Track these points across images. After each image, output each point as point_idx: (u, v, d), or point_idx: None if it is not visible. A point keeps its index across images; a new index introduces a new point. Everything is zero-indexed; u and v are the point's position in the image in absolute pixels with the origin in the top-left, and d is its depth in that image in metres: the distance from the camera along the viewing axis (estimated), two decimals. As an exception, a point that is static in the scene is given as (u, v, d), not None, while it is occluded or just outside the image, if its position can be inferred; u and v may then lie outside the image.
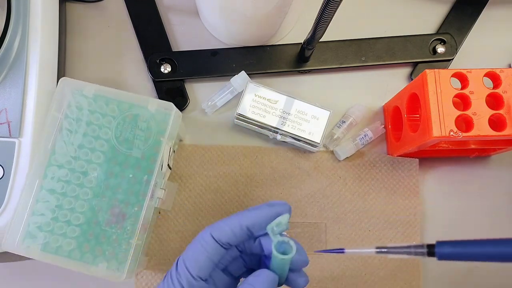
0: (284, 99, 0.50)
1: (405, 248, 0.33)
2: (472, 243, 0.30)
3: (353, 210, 0.51)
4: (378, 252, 0.34)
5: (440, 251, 0.31)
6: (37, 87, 0.46)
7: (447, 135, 0.41)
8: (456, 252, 0.31)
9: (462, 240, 0.31)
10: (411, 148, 0.46)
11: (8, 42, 0.45)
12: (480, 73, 0.43)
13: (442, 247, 0.31)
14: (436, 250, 0.32)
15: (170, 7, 0.57)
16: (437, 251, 0.32)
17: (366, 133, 0.52)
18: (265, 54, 0.54)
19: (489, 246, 0.30)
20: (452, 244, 0.31)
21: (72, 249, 0.43)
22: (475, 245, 0.30)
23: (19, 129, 0.45)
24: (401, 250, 0.33)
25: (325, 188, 0.51)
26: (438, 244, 0.31)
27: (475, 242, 0.30)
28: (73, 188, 0.44)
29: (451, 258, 0.31)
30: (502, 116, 0.42)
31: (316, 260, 0.50)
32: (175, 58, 0.54)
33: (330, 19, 0.40)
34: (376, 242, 0.51)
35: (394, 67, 0.56)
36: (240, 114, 0.50)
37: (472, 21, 0.56)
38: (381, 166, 0.52)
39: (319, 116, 0.50)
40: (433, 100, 0.42)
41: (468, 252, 0.30)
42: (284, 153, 0.52)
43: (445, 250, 0.31)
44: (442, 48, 0.55)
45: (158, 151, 0.44)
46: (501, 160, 0.54)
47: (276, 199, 0.51)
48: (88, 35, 0.56)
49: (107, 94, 0.45)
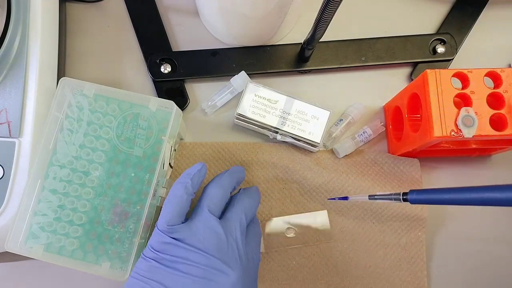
0: (284, 99, 0.50)
1: (387, 195, 0.44)
2: (436, 191, 0.39)
3: (356, 203, 0.51)
4: (370, 198, 0.45)
5: (412, 197, 0.41)
6: (37, 87, 0.46)
7: (448, 135, 0.41)
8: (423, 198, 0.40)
9: (429, 189, 0.40)
10: (412, 148, 0.47)
11: (8, 42, 0.45)
12: (481, 73, 0.43)
13: (412, 194, 0.41)
14: (408, 197, 0.41)
15: (170, 7, 0.57)
16: (409, 198, 0.41)
17: (365, 130, 0.52)
18: (265, 54, 0.54)
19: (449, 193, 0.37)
20: (420, 192, 0.40)
21: (75, 248, 0.43)
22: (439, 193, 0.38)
23: (19, 129, 0.45)
24: (385, 197, 0.44)
25: (327, 183, 0.51)
26: (411, 192, 0.41)
27: (439, 190, 0.38)
28: (75, 188, 0.44)
29: (419, 202, 0.41)
30: (503, 116, 0.42)
31: (320, 252, 0.50)
32: (175, 58, 0.54)
33: (330, 19, 0.40)
34: (381, 234, 0.51)
35: (394, 67, 0.56)
36: (240, 114, 0.50)
37: (472, 21, 0.57)
38: (383, 164, 0.52)
39: (319, 116, 0.50)
40: (434, 100, 0.42)
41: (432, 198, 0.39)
42: (285, 150, 0.52)
43: (415, 197, 0.41)
44: (442, 48, 0.55)
45: (159, 150, 0.45)
46: (502, 160, 0.54)
47: (278, 194, 0.51)
48: (88, 35, 0.56)
49: (108, 93, 0.45)
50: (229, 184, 0.45)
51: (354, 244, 0.51)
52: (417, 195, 0.40)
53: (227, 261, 0.40)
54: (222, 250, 0.41)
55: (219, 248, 0.41)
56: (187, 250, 0.40)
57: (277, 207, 0.51)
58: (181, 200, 0.42)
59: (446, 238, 0.53)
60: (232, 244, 0.41)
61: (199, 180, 0.43)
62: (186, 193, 0.42)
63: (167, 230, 0.41)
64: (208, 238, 0.41)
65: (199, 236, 0.41)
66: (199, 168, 0.44)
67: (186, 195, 0.42)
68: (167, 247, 0.41)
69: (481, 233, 0.53)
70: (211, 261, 0.40)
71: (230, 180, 0.46)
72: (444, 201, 0.38)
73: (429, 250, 0.52)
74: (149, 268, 0.40)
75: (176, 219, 0.41)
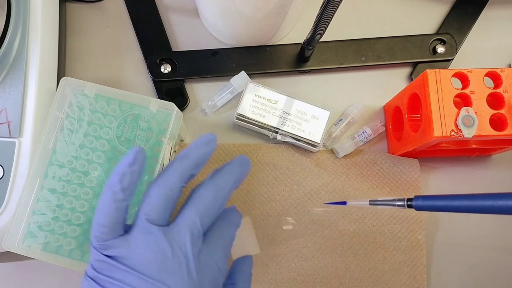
0: (284, 99, 0.50)
1: (390, 201, 0.39)
2: (444, 198, 0.35)
3: (356, 206, 0.51)
4: (371, 204, 0.41)
5: (416, 204, 0.37)
6: (37, 87, 0.46)
7: (448, 135, 0.41)
8: (428, 205, 0.36)
9: (436, 196, 0.36)
10: (412, 147, 0.47)
11: (8, 42, 0.45)
12: (480, 73, 0.43)
13: (418, 200, 0.37)
14: (413, 203, 0.37)
15: (170, 7, 0.57)
16: (414, 204, 0.37)
17: (364, 130, 0.52)
18: (265, 54, 0.54)
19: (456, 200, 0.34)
20: (427, 198, 0.36)
21: (73, 248, 0.43)
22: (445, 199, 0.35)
23: (19, 129, 0.45)
24: (387, 202, 0.39)
25: (327, 184, 0.51)
26: (416, 198, 0.37)
27: (446, 196, 0.35)
28: (74, 188, 0.44)
29: (426, 209, 0.37)
30: (503, 116, 0.42)
31: (320, 255, 0.50)
32: (175, 58, 0.54)
33: (330, 19, 0.40)
34: (381, 237, 0.51)
35: (394, 67, 0.56)
36: (240, 114, 0.50)
37: (472, 21, 0.57)
38: (382, 164, 0.52)
39: (319, 116, 0.50)
40: (434, 100, 0.42)
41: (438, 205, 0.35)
42: (285, 151, 0.52)
43: (420, 203, 0.37)
44: (442, 48, 0.55)
45: (159, 151, 0.44)
46: (502, 160, 0.54)
47: (278, 196, 0.51)
48: (88, 35, 0.56)
49: (109, 93, 0.45)
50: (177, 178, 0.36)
51: (353, 247, 0.51)
52: (423, 201, 0.37)
53: (169, 282, 0.33)
54: (165, 269, 0.34)
55: (161, 267, 0.34)
56: (124, 271, 0.33)
57: (277, 209, 0.51)
58: (108, 210, 0.34)
59: (446, 242, 0.52)
60: (179, 258, 0.34)
61: (133, 178, 0.35)
62: (114, 200, 0.34)
63: (98, 246, 0.34)
64: (148, 255, 0.34)
65: (138, 253, 0.34)
66: (131, 161, 0.34)
67: (115, 202, 0.34)
68: (103, 266, 0.34)
69: (481, 236, 0.53)
70: (150, 284, 0.33)
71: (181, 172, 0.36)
72: (453, 209, 0.35)
73: (429, 254, 0.52)
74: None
75: (108, 233, 0.34)
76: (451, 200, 0.35)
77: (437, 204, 0.36)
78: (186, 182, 0.37)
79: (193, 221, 0.35)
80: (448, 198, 0.35)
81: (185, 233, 0.35)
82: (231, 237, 0.39)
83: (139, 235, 0.34)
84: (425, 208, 0.37)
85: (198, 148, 0.37)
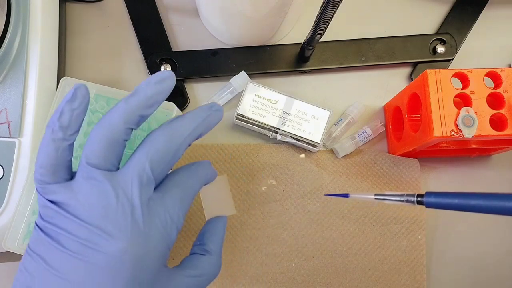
0: (284, 99, 0.50)
1: (399, 196, 0.37)
2: (456, 195, 0.33)
3: (357, 206, 0.51)
4: (376, 198, 0.38)
5: (428, 200, 0.35)
6: (37, 87, 0.46)
7: (448, 135, 0.41)
8: (441, 202, 0.34)
9: (448, 192, 0.34)
10: (412, 147, 0.47)
11: (8, 42, 0.45)
12: (481, 73, 0.43)
13: (429, 197, 0.35)
14: (424, 200, 0.35)
15: (170, 7, 0.57)
16: (425, 200, 0.35)
17: (364, 130, 0.52)
18: (265, 54, 0.54)
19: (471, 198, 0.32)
20: (439, 195, 0.34)
21: (73, 249, 0.43)
22: (459, 197, 0.33)
23: (19, 129, 0.45)
24: (395, 198, 0.37)
25: (327, 184, 0.51)
26: (427, 194, 0.35)
27: (460, 194, 0.33)
28: (73, 188, 0.44)
29: (437, 207, 0.34)
30: (503, 116, 0.42)
31: (320, 255, 0.50)
32: (175, 58, 0.54)
33: (330, 19, 0.40)
34: (381, 237, 0.51)
35: (394, 67, 0.56)
36: (240, 114, 0.50)
37: (472, 21, 0.57)
38: (382, 163, 0.52)
39: (319, 116, 0.50)
40: (434, 100, 0.42)
41: (451, 203, 0.33)
42: (285, 151, 0.52)
43: (432, 200, 0.34)
44: (442, 48, 0.55)
45: (158, 151, 0.44)
46: (502, 160, 0.54)
47: (278, 196, 0.51)
48: (88, 35, 0.56)
49: (108, 94, 0.45)
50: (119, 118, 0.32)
51: (353, 247, 0.51)
52: (435, 198, 0.34)
53: (110, 229, 0.31)
54: (108, 216, 0.31)
55: (104, 214, 0.31)
56: (66, 218, 0.31)
57: (277, 209, 0.51)
58: (47, 149, 0.32)
59: (446, 242, 0.52)
60: (124, 205, 0.31)
61: (73, 116, 0.32)
62: (53, 140, 0.31)
63: (40, 190, 0.32)
64: (91, 201, 0.31)
65: (80, 199, 0.31)
66: (68, 98, 0.32)
67: (53, 142, 0.31)
68: (48, 212, 0.32)
69: (481, 237, 0.53)
70: (90, 232, 0.31)
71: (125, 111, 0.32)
72: (467, 208, 0.32)
73: (429, 254, 0.52)
74: (35, 238, 0.32)
75: (49, 176, 0.32)
76: (466, 199, 0.32)
77: (451, 202, 0.33)
78: (135, 124, 0.33)
79: (142, 166, 0.32)
80: (463, 196, 0.33)
81: (132, 177, 0.32)
82: (191, 189, 0.36)
83: (82, 179, 0.32)
84: (437, 206, 0.34)
85: (150, 86, 0.33)
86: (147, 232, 0.32)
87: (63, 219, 0.31)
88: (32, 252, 0.32)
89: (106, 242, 0.31)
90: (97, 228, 0.31)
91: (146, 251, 0.32)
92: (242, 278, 0.49)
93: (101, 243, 0.31)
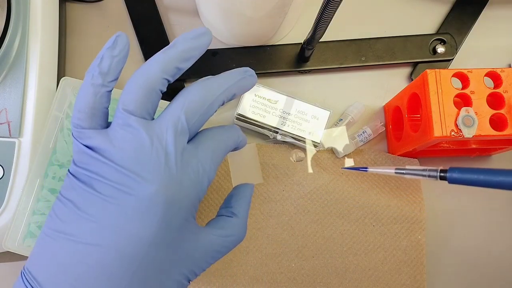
0: (284, 99, 0.50)
1: (420, 171, 0.36)
2: (481, 171, 0.32)
3: (357, 206, 0.51)
4: (397, 173, 0.38)
5: (451, 176, 0.34)
6: (37, 87, 0.46)
7: (448, 135, 0.41)
8: (465, 178, 0.33)
9: (472, 168, 0.33)
10: (412, 147, 0.47)
11: (8, 42, 0.45)
12: (481, 73, 0.43)
13: (453, 172, 0.34)
14: (448, 175, 0.34)
15: (170, 7, 0.57)
16: (448, 176, 0.34)
17: (364, 130, 0.52)
18: (265, 54, 0.54)
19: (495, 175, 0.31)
20: (464, 170, 0.33)
21: (73, 249, 0.43)
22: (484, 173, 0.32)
23: (19, 129, 0.45)
24: (417, 172, 0.37)
25: (327, 184, 0.51)
26: (451, 170, 0.34)
27: (484, 170, 0.32)
28: (73, 188, 0.44)
29: (460, 183, 0.33)
30: (503, 116, 0.42)
31: (320, 254, 0.50)
32: (175, 58, 0.54)
33: (330, 19, 0.40)
34: (381, 237, 0.51)
35: (394, 67, 0.56)
36: (240, 114, 0.50)
37: (472, 21, 0.57)
38: (382, 164, 0.52)
39: (319, 116, 0.50)
40: (434, 100, 0.42)
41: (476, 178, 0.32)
42: (285, 151, 0.52)
43: (456, 175, 0.34)
44: (442, 48, 0.55)
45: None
46: (502, 160, 0.54)
47: (278, 196, 0.51)
48: (88, 35, 0.56)
49: (108, 94, 0.45)
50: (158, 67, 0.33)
51: (353, 247, 0.51)
52: (459, 173, 0.33)
53: (144, 173, 0.32)
54: (141, 160, 0.32)
55: (138, 158, 0.32)
56: (100, 162, 0.32)
57: (277, 209, 0.51)
58: (85, 94, 0.32)
59: (446, 242, 0.52)
60: (158, 151, 0.32)
61: (113, 63, 0.33)
62: (92, 85, 0.32)
63: (77, 134, 0.33)
64: (125, 146, 0.32)
65: (115, 144, 0.32)
66: (109, 44, 0.33)
67: (92, 87, 0.32)
68: (82, 158, 0.33)
69: (481, 237, 0.53)
70: (124, 176, 0.32)
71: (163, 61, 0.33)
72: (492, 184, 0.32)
73: (429, 254, 0.52)
74: (67, 185, 0.33)
75: (86, 120, 0.33)
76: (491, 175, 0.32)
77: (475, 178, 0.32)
78: (171, 76, 0.33)
79: (178, 115, 0.33)
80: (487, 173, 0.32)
81: (167, 126, 0.33)
82: (224, 143, 0.37)
83: (117, 126, 0.32)
84: (460, 182, 0.34)
85: (187, 40, 0.34)
86: (179, 178, 0.32)
87: (97, 163, 0.32)
88: (63, 198, 0.33)
89: (139, 185, 0.31)
90: (131, 172, 0.31)
91: (178, 197, 0.32)
92: (242, 278, 0.49)
93: (134, 186, 0.31)
